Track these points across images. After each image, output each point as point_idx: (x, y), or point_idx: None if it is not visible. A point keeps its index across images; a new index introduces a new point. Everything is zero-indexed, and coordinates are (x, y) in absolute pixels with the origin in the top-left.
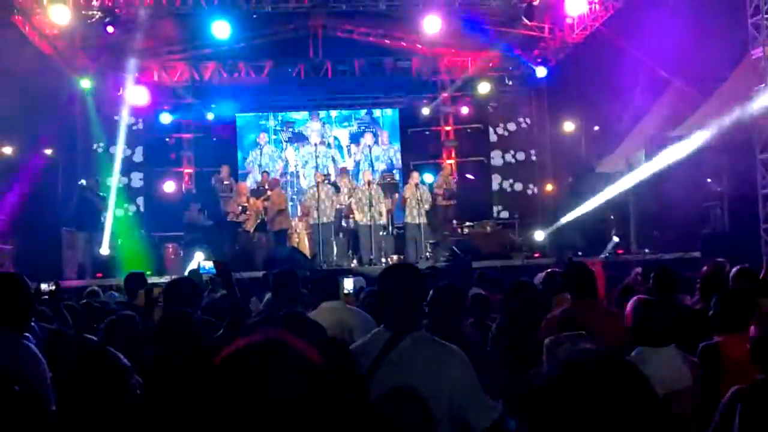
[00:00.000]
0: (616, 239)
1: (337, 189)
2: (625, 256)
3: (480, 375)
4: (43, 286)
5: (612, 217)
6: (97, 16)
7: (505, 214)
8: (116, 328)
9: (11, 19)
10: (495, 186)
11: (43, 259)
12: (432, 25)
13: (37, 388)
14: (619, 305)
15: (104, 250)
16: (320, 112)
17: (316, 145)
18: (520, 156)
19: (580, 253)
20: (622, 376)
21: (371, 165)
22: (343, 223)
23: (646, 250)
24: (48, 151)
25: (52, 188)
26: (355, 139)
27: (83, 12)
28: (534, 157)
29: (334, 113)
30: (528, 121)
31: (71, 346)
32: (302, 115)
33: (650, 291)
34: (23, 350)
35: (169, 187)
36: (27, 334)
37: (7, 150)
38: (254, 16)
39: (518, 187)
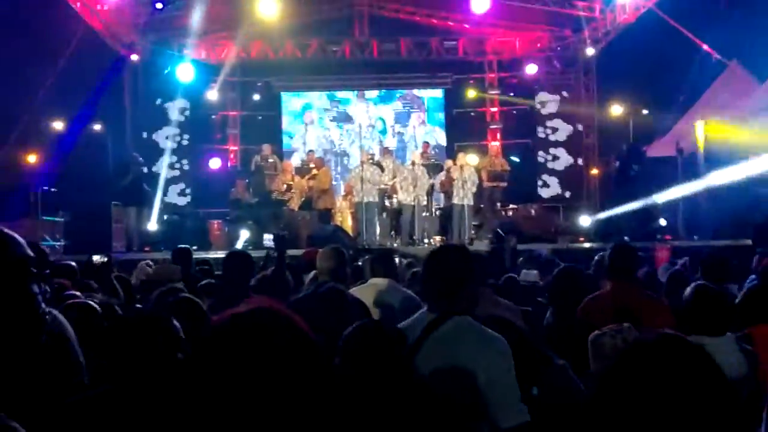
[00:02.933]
0: (663, 223)
1: (381, 169)
2: (672, 242)
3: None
4: (95, 258)
5: (660, 202)
6: None
7: (550, 197)
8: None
9: None
10: (540, 169)
11: (93, 232)
12: (480, 4)
13: (65, 355)
14: (669, 293)
15: (152, 225)
16: (365, 91)
17: (360, 124)
18: (567, 139)
19: (626, 238)
20: (694, 359)
21: (416, 145)
22: (386, 203)
23: (695, 237)
24: (97, 126)
25: (101, 162)
26: (399, 119)
27: None
28: (581, 141)
29: (379, 93)
30: (576, 103)
31: (119, 316)
32: (347, 94)
33: (698, 279)
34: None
35: (215, 164)
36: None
37: (58, 125)
38: None
39: (564, 170)
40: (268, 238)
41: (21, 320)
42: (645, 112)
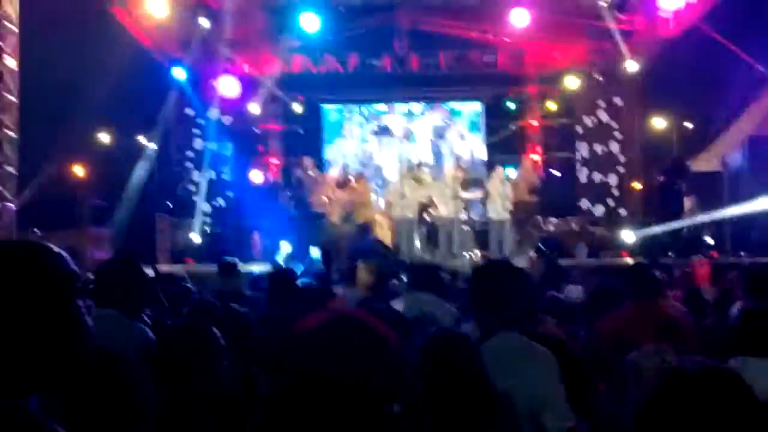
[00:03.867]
0: (709, 240)
1: (420, 182)
2: (719, 259)
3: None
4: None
5: (705, 218)
6: (192, 9)
7: (591, 211)
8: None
9: (110, 9)
10: (582, 182)
11: (138, 244)
12: (519, 18)
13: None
14: (722, 310)
15: (195, 237)
16: (404, 105)
17: (399, 138)
18: (608, 152)
19: (670, 254)
20: (731, 388)
21: (454, 159)
22: (425, 217)
23: (742, 253)
24: (143, 140)
25: (146, 175)
26: (438, 132)
27: (178, 4)
28: (623, 154)
29: (418, 106)
30: (617, 116)
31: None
32: (387, 107)
33: (744, 297)
34: (139, 333)
35: (256, 176)
36: (144, 317)
37: (105, 138)
38: (341, 9)
39: (606, 184)
40: (315, 252)
41: (67, 333)
42: (689, 125)
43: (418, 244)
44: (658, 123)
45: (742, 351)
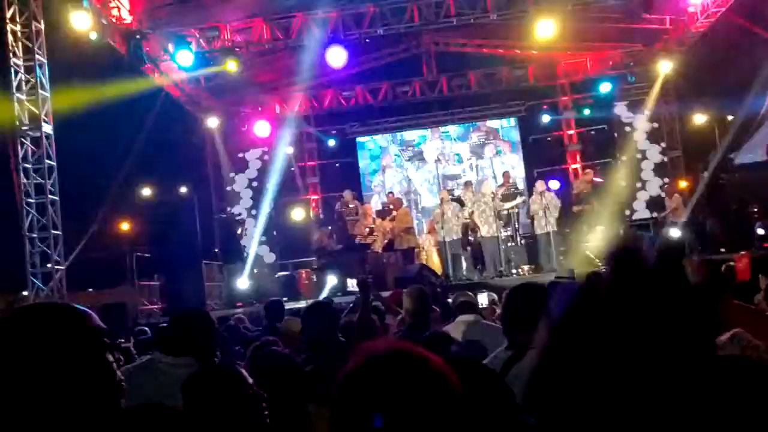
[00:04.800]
0: (761, 231)
1: (462, 204)
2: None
3: None
4: None
5: (756, 208)
6: (219, 56)
7: (639, 215)
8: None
9: (142, 68)
10: (625, 187)
11: (187, 292)
12: (545, 29)
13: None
14: None
15: (243, 280)
16: (439, 128)
17: (436, 161)
18: (650, 154)
19: (722, 249)
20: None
21: (494, 176)
22: (470, 237)
23: None
24: (183, 189)
25: (190, 224)
26: (476, 151)
27: (205, 54)
28: (665, 153)
29: (452, 128)
30: (655, 117)
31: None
32: (421, 133)
33: None
34: None
35: (297, 214)
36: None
37: (146, 191)
38: (366, 40)
39: (650, 185)
40: (352, 284)
41: (99, 387)
42: (730, 118)
43: (465, 265)
44: (698, 118)
45: None
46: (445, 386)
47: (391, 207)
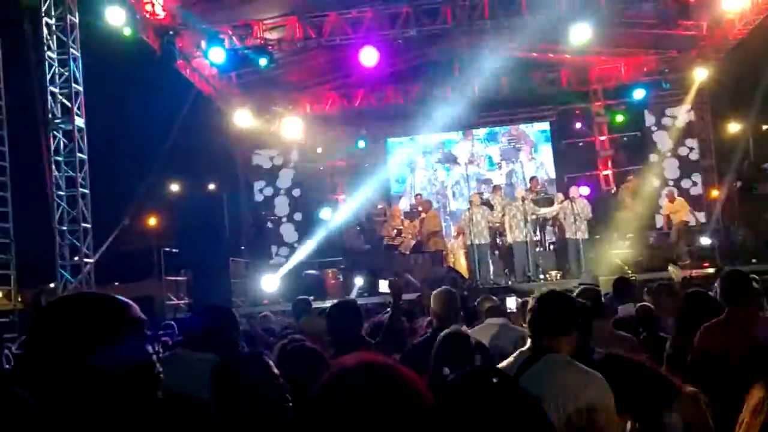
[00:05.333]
0: None
1: (491, 207)
2: None
3: None
4: None
5: None
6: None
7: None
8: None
9: (175, 64)
10: (656, 194)
11: (214, 289)
12: (580, 33)
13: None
14: None
15: (270, 278)
16: (470, 131)
17: (466, 164)
18: (683, 162)
19: (754, 261)
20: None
21: (524, 181)
22: (498, 241)
23: None
24: (212, 186)
25: (218, 220)
26: (506, 155)
27: (238, 51)
28: (699, 162)
29: (483, 131)
30: (690, 124)
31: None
32: (452, 135)
33: None
34: None
35: (326, 214)
36: None
37: (175, 187)
38: (399, 41)
39: (684, 193)
40: (383, 285)
41: (139, 377)
42: (765, 128)
43: (492, 269)
44: (732, 127)
45: None
46: (414, 400)
47: (420, 209)
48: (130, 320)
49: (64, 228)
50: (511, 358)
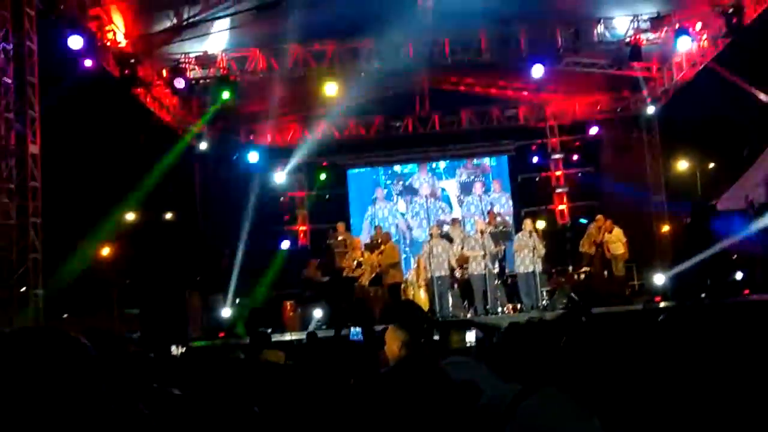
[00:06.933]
0: (740, 276)
1: (450, 240)
2: (753, 296)
3: None
4: (173, 350)
5: (735, 256)
6: (213, 83)
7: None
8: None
9: (132, 91)
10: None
11: (169, 322)
12: (537, 72)
13: None
14: None
15: (226, 310)
16: (429, 164)
17: (426, 197)
18: (634, 198)
19: (703, 295)
20: None
21: (482, 214)
22: (457, 274)
23: None
24: (169, 215)
25: (174, 251)
26: (465, 188)
27: (200, 80)
28: (649, 198)
29: (443, 164)
30: (640, 162)
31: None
32: (412, 168)
33: None
34: None
35: (285, 245)
36: None
37: (130, 216)
38: (362, 74)
39: (634, 229)
40: (355, 331)
41: (93, 416)
42: (711, 165)
43: (452, 301)
44: (681, 165)
45: None
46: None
47: (380, 241)
48: (87, 359)
49: (14, 258)
50: (494, 393)
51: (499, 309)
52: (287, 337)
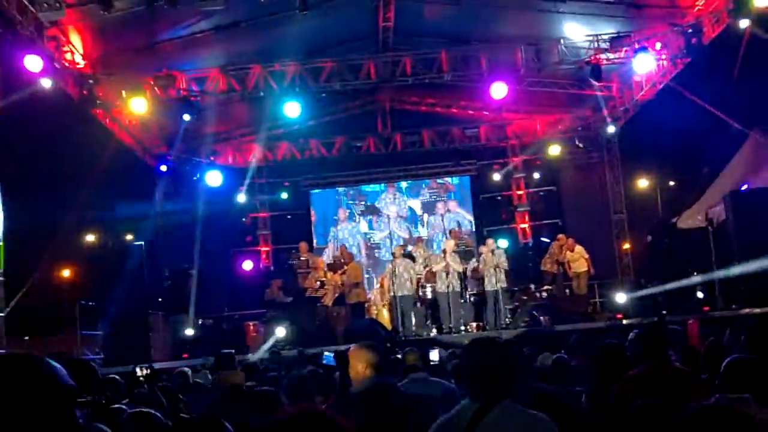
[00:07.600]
0: (700, 295)
1: (413, 260)
2: (712, 313)
3: None
4: (138, 371)
5: (695, 273)
6: (174, 105)
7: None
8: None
9: (92, 112)
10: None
11: (132, 343)
12: (498, 91)
13: None
14: (707, 365)
15: (189, 331)
16: (392, 183)
17: (389, 216)
18: (595, 216)
19: (664, 312)
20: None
21: (445, 233)
22: (420, 293)
23: (734, 306)
24: (129, 237)
25: (135, 273)
26: (428, 208)
27: (160, 102)
28: (610, 217)
29: (405, 184)
30: (601, 180)
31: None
32: (374, 187)
33: (743, 349)
34: None
35: (247, 265)
36: None
37: (91, 237)
38: (323, 95)
39: (596, 247)
40: (328, 356)
41: None
42: (671, 184)
43: (415, 320)
44: (642, 183)
45: None
46: None
47: (343, 261)
48: (62, 388)
49: None
50: (454, 410)
51: (462, 327)
52: (249, 357)
